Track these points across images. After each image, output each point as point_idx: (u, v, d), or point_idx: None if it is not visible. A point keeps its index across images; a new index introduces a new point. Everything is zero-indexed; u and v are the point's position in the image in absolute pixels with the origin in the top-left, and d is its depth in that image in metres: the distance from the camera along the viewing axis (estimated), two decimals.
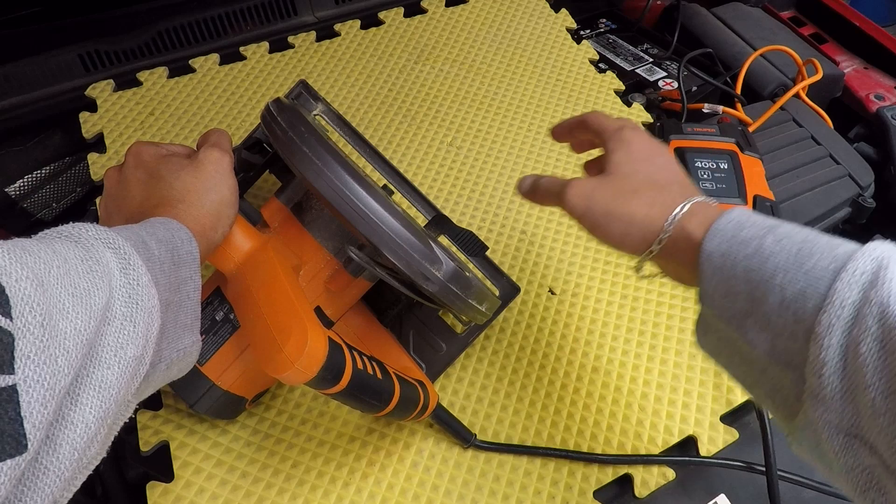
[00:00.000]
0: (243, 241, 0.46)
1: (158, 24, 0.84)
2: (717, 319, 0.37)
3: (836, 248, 0.33)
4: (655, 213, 0.40)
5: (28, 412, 0.24)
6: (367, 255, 0.46)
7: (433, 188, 0.73)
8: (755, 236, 0.35)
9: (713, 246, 0.37)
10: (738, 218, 0.37)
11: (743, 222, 0.37)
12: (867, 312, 0.30)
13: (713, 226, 0.37)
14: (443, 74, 0.85)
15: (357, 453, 0.54)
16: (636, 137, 0.45)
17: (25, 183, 0.78)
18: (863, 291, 0.30)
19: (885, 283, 0.30)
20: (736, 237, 0.36)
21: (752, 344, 0.34)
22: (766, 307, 0.33)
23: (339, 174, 0.41)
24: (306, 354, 0.38)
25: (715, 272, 0.36)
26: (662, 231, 0.40)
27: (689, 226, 0.39)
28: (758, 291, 0.34)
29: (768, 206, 0.63)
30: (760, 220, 0.37)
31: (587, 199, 0.42)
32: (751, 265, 0.34)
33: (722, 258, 0.36)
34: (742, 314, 0.35)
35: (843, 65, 0.94)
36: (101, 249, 0.32)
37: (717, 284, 0.36)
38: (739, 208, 0.38)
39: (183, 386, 0.49)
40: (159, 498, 0.51)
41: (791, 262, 0.33)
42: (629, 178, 0.43)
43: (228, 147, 0.47)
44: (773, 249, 0.34)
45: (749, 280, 0.34)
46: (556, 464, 0.54)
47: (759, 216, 0.37)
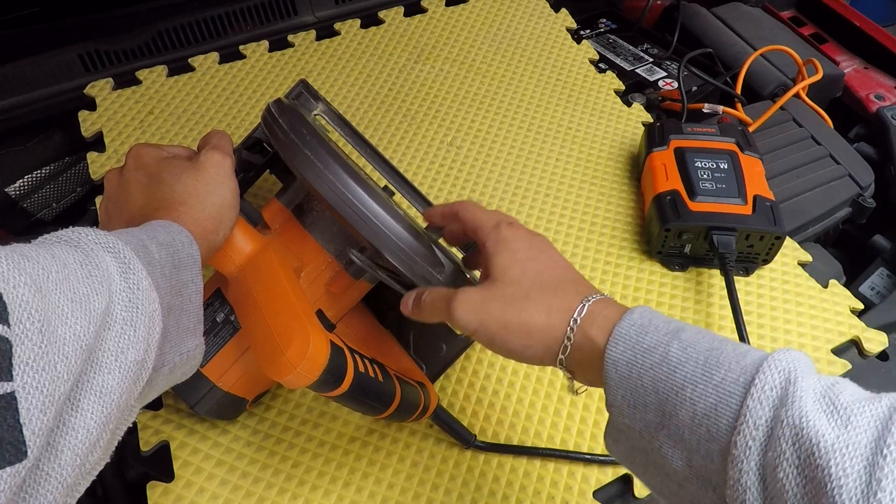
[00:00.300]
0: (244, 244, 0.46)
1: (158, 23, 0.84)
2: (629, 429, 0.36)
3: (743, 358, 0.32)
4: (554, 319, 0.38)
5: (27, 419, 0.24)
6: (368, 257, 0.46)
7: (433, 188, 0.73)
8: (659, 343, 0.34)
9: (617, 353, 0.35)
10: (640, 321, 0.36)
11: (645, 326, 0.35)
12: (780, 434, 0.29)
13: (615, 331, 0.36)
14: (443, 74, 0.85)
15: (357, 453, 0.54)
16: (516, 234, 0.42)
17: (25, 183, 0.78)
18: (774, 409, 0.30)
19: (794, 402, 0.29)
20: (640, 343, 0.35)
21: (668, 458, 0.33)
22: (677, 421, 0.32)
23: (340, 177, 0.41)
24: (308, 358, 0.37)
25: (621, 381, 0.35)
26: (565, 338, 0.38)
27: (592, 331, 0.37)
28: (668, 405, 0.33)
29: (768, 206, 0.63)
30: (663, 324, 0.35)
31: (479, 314, 0.39)
32: (658, 375, 0.34)
33: (627, 367, 0.35)
34: (654, 426, 0.34)
35: (843, 65, 0.94)
36: (101, 254, 0.32)
37: (625, 394, 0.35)
38: (640, 308, 0.37)
39: (184, 387, 0.49)
40: (160, 498, 0.51)
41: (700, 374, 0.32)
42: (518, 284, 0.40)
43: (229, 149, 0.47)
44: (680, 358, 0.33)
45: (658, 391, 0.33)
46: (556, 464, 0.54)
47: (660, 317, 0.36)
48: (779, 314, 0.63)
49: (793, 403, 0.29)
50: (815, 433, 0.28)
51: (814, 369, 0.32)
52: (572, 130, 0.80)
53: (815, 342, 0.61)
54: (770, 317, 0.63)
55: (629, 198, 0.73)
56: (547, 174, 0.75)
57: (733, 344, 0.34)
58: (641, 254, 0.68)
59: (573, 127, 0.80)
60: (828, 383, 0.31)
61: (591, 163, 0.76)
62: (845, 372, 0.60)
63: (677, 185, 0.65)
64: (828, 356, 0.60)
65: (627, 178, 0.75)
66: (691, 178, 0.65)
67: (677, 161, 0.68)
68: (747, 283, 0.66)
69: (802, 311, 0.64)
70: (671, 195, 0.65)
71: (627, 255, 0.68)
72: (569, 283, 0.40)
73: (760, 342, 0.61)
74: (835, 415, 0.29)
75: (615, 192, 0.74)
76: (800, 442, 0.28)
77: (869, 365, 0.62)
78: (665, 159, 0.68)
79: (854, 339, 0.62)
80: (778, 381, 0.30)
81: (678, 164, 0.67)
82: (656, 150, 0.70)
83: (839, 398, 0.29)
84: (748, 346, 0.33)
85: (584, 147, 0.78)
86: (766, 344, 0.61)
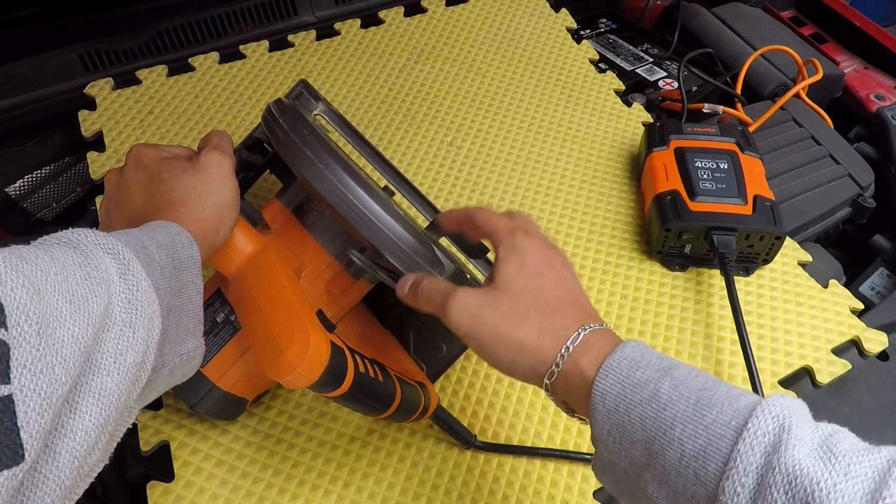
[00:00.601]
0: (244, 244, 0.46)
1: (158, 23, 0.84)
2: (614, 465, 0.35)
3: (736, 402, 0.31)
4: (546, 342, 0.37)
5: (25, 422, 0.24)
6: (368, 257, 0.46)
7: (433, 188, 0.73)
8: (650, 379, 0.33)
9: (606, 386, 0.34)
10: (632, 355, 0.35)
11: (637, 361, 0.35)
12: (771, 482, 0.28)
13: (605, 363, 0.35)
14: (443, 74, 0.85)
15: (357, 453, 0.54)
16: (530, 245, 0.41)
17: (25, 183, 0.78)
18: (766, 455, 0.29)
19: (788, 450, 0.28)
20: (630, 378, 0.34)
21: (654, 497, 0.33)
22: (664, 461, 0.32)
23: (340, 177, 0.41)
24: (308, 358, 0.37)
25: (608, 415, 0.34)
26: (554, 364, 0.37)
27: (582, 361, 0.36)
28: (655, 443, 0.32)
29: (768, 206, 0.63)
30: (656, 360, 0.35)
31: (472, 318, 0.38)
32: (647, 413, 0.33)
33: (615, 401, 0.34)
34: (640, 465, 0.33)
35: (843, 65, 0.94)
36: (100, 255, 0.31)
37: (611, 429, 0.34)
38: (633, 342, 0.36)
39: (184, 387, 0.49)
40: (160, 498, 0.51)
41: (690, 414, 0.31)
42: (519, 297, 0.39)
43: (229, 149, 0.47)
44: (671, 396, 0.32)
45: (645, 429, 0.33)
46: (556, 464, 0.54)
47: (653, 353, 0.35)
48: (779, 314, 0.63)
49: (786, 451, 0.29)
50: (811, 481, 0.27)
51: (810, 417, 0.32)
52: (572, 130, 0.80)
53: (815, 342, 0.61)
54: (770, 317, 0.63)
55: (629, 198, 0.73)
56: (547, 174, 0.75)
57: (727, 386, 0.33)
58: (641, 254, 0.68)
59: (573, 127, 0.80)
60: (826, 432, 0.30)
61: (591, 163, 0.76)
62: (845, 372, 0.60)
63: (677, 185, 0.65)
64: (828, 356, 0.60)
65: (627, 178, 0.75)
66: (691, 178, 0.65)
67: (677, 161, 0.68)
68: (747, 283, 0.66)
69: (802, 311, 0.64)
70: (671, 195, 0.65)
71: (627, 255, 0.68)
72: (570, 306, 0.39)
73: (760, 342, 0.61)
74: (833, 463, 0.28)
75: (615, 192, 0.74)
76: (793, 490, 0.28)
77: (869, 365, 0.62)
78: (665, 159, 0.68)
79: (854, 339, 0.62)
80: (772, 426, 0.30)
81: (678, 164, 0.67)
82: (656, 150, 0.70)
83: (838, 447, 0.29)
84: (742, 390, 0.33)
85: (584, 147, 0.78)
86: (766, 344, 0.61)
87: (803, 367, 0.60)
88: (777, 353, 0.61)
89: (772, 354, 0.61)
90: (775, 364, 0.60)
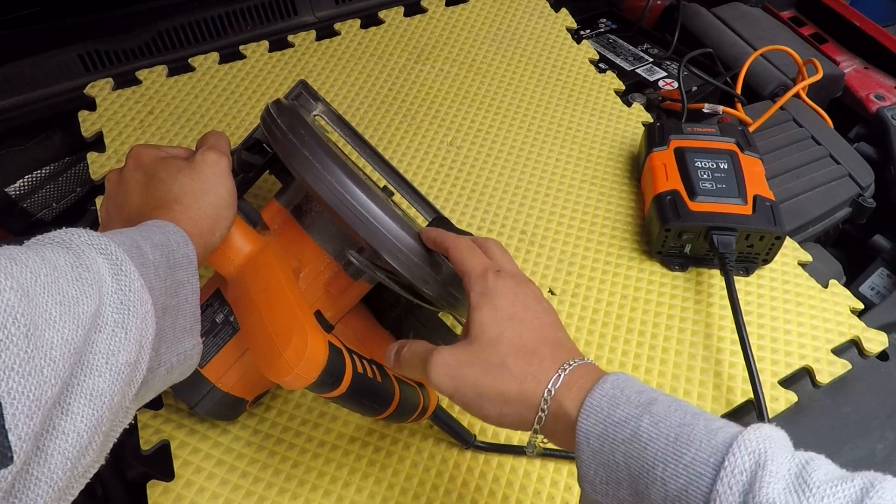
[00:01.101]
0: (243, 244, 0.46)
1: (158, 23, 0.84)
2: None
3: (714, 437, 0.32)
4: (528, 388, 0.37)
5: (13, 424, 0.24)
6: (366, 258, 0.46)
7: (433, 188, 0.73)
8: (630, 417, 0.34)
9: (588, 426, 0.34)
10: (612, 392, 0.35)
11: (616, 398, 0.35)
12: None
13: (585, 402, 0.35)
14: (443, 74, 0.85)
15: (357, 453, 0.54)
16: (501, 287, 0.40)
17: (25, 183, 0.78)
18: (743, 494, 0.29)
19: (763, 487, 0.29)
20: (611, 417, 0.34)
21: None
22: (650, 501, 0.32)
23: (339, 178, 0.41)
24: (306, 359, 0.38)
25: (594, 455, 0.34)
26: (539, 409, 0.37)
27: (566, 402, 0.36)
28: (640, 483, 0.32)
29: (768, 206, 0.63)
30: (635, 395, 0.35)
31: (454, 379, 0.38)
32: (630, 452, 0.33)
33: (599, 441, 0.34)
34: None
35: (843, 65, 0.94)
36: (93, 255, 0.31)
37: (597, 470, 0.34)
38: (613, 377, 0.36)
39: (183, 387, 0.49)
40: (160, 497, 0.51)
41: (670, 453, 0.32)
42: (495, 347, 0.38)
43: (226, 149, 0.47)
44: (651, 434, 0.33)
45: (630, 468, 0.33)
46: (556, 464, 0.54)
47: (633, 387, 0.35)
48: (779, 314, 0.63)
49: (760, 489, 0.29)
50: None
51: (788, 446, 0.32)
52: (572, 130, 0.80)
53: (815, 342, 0.61)
54: (770, 317, 0.63)
55: (629, 198, 0.73)
56: (547, 174, 0.75)
57: (706, 419, 0.33)
58: (641, 254, 0.68)
59: (573, 127, 0.80)
60: (801, 461, 0.30)
61: (591, 163, 0.76)
62: (845, 372, 0.60)
63: (677, 185, 0.65)
64: (828, 356, 0.60)
65: (627, 178, 0.75)
66: (691, 178, 0.65)
67: (677, 161, 0.68)
68: (747, 283, 0.66)
69: (802, 311, 0.64)
70: (671, 195, 0.65)
71: (627, 255, 0.68)
72: (547, 346, 0.39)
73: (760, 342, 0.61)
74: (808, 495, 0.28)
75: (615, 192, 0.74)
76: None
77: (869, 365, 0.62)
78: (665, 159, 0.68)
79: (854, 339, 0.62)
80: (747, 464, 0.30)
81: (678, 164, 0.67)
82: (656, 150, 0.70)
83: (812, 477, 0.29)
84: (721, 422, 0.33)
85: (584, 147, 0.78)
86: (766, 344, 0.61)
87: (803, 367, 0.60)
88: (777, 353, 0.61)
89: (772, 354, 0.61)
90: (775, 364, 0.60)
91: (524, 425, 0.38)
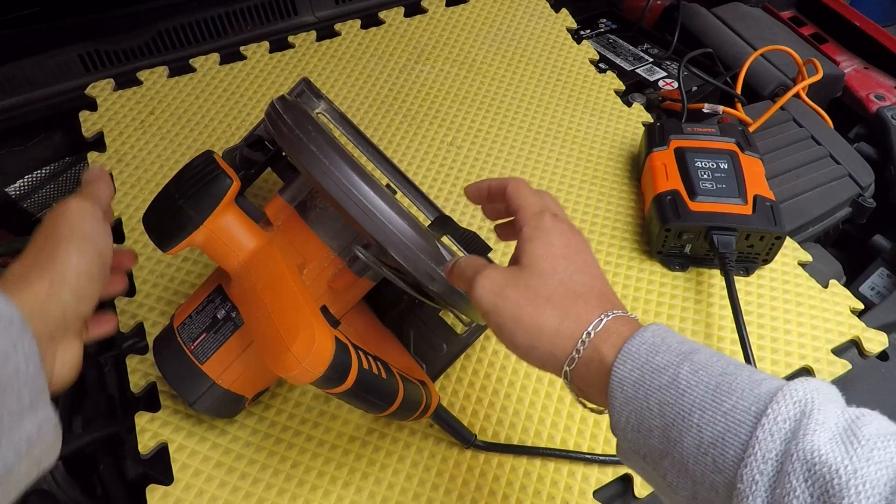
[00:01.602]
0: (247, 240, 0.46)
1: (158, 24, 0.84)
2: (634, 454, 0.34)
3: (758, 386, 0.30)
4: (566, 328, 0.36)
5: None
6: (372, 254, 0.46)
7: (433, 188, 0.73)
8: (670, 364, 0.32)
9: (625, 372, 0.33)
10: (652, 340, 0.34)
11: (657, 345, 0.33)
12: (790, 470, 0.27)
13: (624, 348, 0.34)
14: (443, 74, 0.85)
15: (357, 453, 0.54)
16: (557, 227, 0.40)
17: (25, 183, 0.78)
18: (785, 442, 0.28)
19: (807, 435, 0.27)
20: (649, 363, 0.33)
21: (674, 487, 0.32)
22: (682, 449, 0.31)
23: (346, 173, 0.41)
24: (313, 354, 0.37)
25: (627, 402, 0.33)
26: (574, 350, 0.36)
27: (603, 347, 0.35)
28: (673, 430, 0.31)
29: (768, 206, 0.63)
30: (676, 345, 0.33)
31: (496, 296, 0.38)
32: (665, 398, 0.32)
33: (634, 387, 0.33)
34: (658, 454, 0.32)
35: (843, 65, 0.94)
36: None
37: (629, 416, 0.33)
38: (654, 326, 0.35)
39: (183, 384, 0.49)
40: (159, 501, 0.50)
41: (709, 400, 0.31)
42: (545, 279, 0.37)
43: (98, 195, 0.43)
44: (690, 382, 0.31)
45: (664, 415, 0.32)
46: (556, 464, 0.54)
47: (674, 337, 0.34)
48: (779, 314, 0.63)
49: (804, 436, 0.27)
50: (829, 469, 0.26)
51: (839, 400, 0.31)
52: (572, 130, 0.80)
53: (815, 342, 0.61)
54: (770, 317, 0.63)
55: (629, 198, 0.73)
56: (547, 174, 0.75)
57: (750, 370, 0.32)
58: (641, 254, 0.68)
59: (573, 127, 0.80)
60: (853, 415, 0.29)
61: (591, 163, 0.77)
62: (845, 372, 0.60)
63: (677, 184, 0.65)
64: (828, 356, 0.60)
65: (627, 178, 0.75)
66: (691, 178, 0.65)
67: (677, 161, 0.68)
68: (747, 283, 0.66)
69: (802, 311, 0.64)
70: (671, 195, 0.65)
71: (627, 255, 0.68)
72: (594, 293, 0.38)
73: (760, 342, 0.61)
74: (856, 448, 0.27)
75: (615, 192, 0.74)
76: (812, 478, 0.27)
77: (869, 365, 0.62)
78: (665, 159, 0.68)
79: (854, 339, 0.62)
80: (792, 412, 0.28)
81: (678, 164, 0.67)
82: (656, 150, 0.70)
83: (862, 430, 0.28)
84: (766, 375, 0.31)
85: (584, 147, 0.78)
86: (766, 344, 0.61)
87: (803, 367, 0.60)
88: (777, 353, 0.61)
89: (772, 354, 0.60)
90: (775, 364, 0.60)
91: (551, 364, 0.37)
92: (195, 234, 0.44)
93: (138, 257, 0.65)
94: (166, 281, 0.64)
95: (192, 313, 0.49)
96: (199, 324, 0.49)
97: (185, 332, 0.49)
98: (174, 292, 0.63)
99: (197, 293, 0.51)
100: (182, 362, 0.48)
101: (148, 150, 0.75)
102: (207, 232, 0.45)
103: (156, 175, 0.72)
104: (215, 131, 0.77)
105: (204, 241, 0.45)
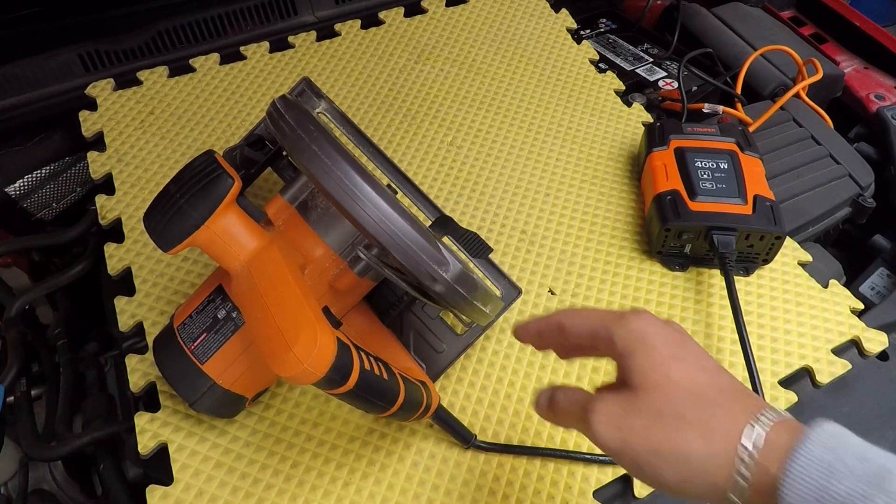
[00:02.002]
0: (248, 240, 0.46)
1: (158, 24, 0.84)
2: None
3: None
4: (718, 448, 0.30)
5: None
6: (373, 254, 0.45)
7: (433, 188, 0.73)
8: (856, 493, 0.26)
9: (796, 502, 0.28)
10: (824, 458, 0.28)
11: (832, 465, 0.28)
12: None
13: (789, 467, 0.28)
14: (443, 74, 0.85)
15: (357, 453, 0.54)
16: (650, 328, 0.35)
17: (25, 183, 0.78)
18: None
19: None
20: (827, 491, 0.27)
21: None
22: None
23: (347, 173, 0.41)
24: (315, 354, 0.37)
25: None
26: (737, 474, 0.30)
27: (772, 467, 0.29)
28: None
29: (768, 206, 0.63)
30: (856, 463, 0.27)
31: (621, 430, 0.32)
32: None
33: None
34: None
35: (843, 65, 0.94)
36: None
37: None
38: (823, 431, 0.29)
39: (183, 384, 0.49)
40: (159, 501, 0.50)
41: None
42: (664, 391, 0.32)
43: None
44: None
45: None
46: (556, 464, 0.54)
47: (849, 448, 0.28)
48: (779, 314, 0.63)
49: None
50: None
51: None
52: (572, 130, 0.80)
53: (815, 342, 0.61)
54: (770, 317, 0.63)
55: (629, 198, 0.73)
56: (547, 174, 0.75)
57: None
58: (641, 254, 0.68)
59: (573, 127, 0.80)
60: None
61: (591, 163, 0.77)
62: (845, 372, 0.60)
63: (677, 184, 0.65)
64: (828, 356, 0.60)
65: (627, 178, 0.75)
66: (691, 178, 0.65)
67: (677, 161, 0.68)
68: (747, 283, 0.66)
69: (802, 311, 0.64)
70: (671, 195, 0.65)
71: (627, 255, 0.68)
72: (728, 393, 0.32)
73: (760, 342, 0.61)
74: None
75: (615, 192, 0.74)
76: None
77: (869, 365, 0.62)
78: (665, 159, 0.68)
79: (854, 339, 0.62)
80: None
81: (678, 164, 0.67)
82: (656, 150, 0.70)
83: None
84: None
85: (584, 147, 0.78)
86: (766, 344, 0.61)
87: (803, 367, 0.60)
88: (777, 353, 0.61)
89: (772, 354, 0.60)
90: (775, 364, 0.60)
91: (713, 496, 0.31)
92: (196, 234, 0.44)
93: (138, 257, 0.65)
94: (166, 281, 0.64)
95: (192, 313, 0.49)
96: (200, 324, 0.49)
97: (186, 332, 0.49)
98: (174, 292, 0.63)
99: (197, 293, 0.51)
100: (182, 362, 0.48)
101: (148, 150, 0.75)
102: (208, 232, 0.45)
103: (156, 175, 0.72)
104: (215, 131, 0.77)
105: (205, 241, 0.45)
